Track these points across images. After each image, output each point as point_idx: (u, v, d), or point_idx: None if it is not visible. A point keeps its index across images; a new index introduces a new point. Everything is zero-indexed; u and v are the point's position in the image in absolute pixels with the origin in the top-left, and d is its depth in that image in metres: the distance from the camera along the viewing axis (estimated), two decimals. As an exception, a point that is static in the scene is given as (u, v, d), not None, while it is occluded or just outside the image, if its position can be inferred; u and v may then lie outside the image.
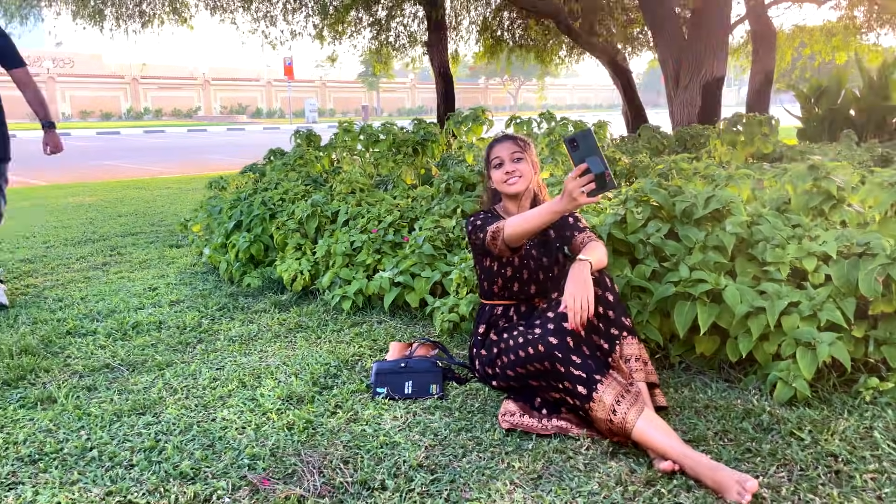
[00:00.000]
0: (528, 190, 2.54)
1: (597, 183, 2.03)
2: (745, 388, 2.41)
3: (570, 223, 2.53)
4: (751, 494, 1.70)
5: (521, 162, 2.50)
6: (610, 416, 1.99)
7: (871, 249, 2.32)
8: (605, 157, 2.05)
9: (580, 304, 2.10)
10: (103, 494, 1.82)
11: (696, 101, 8.67)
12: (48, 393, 2.48)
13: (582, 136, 2.05)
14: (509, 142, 2.54)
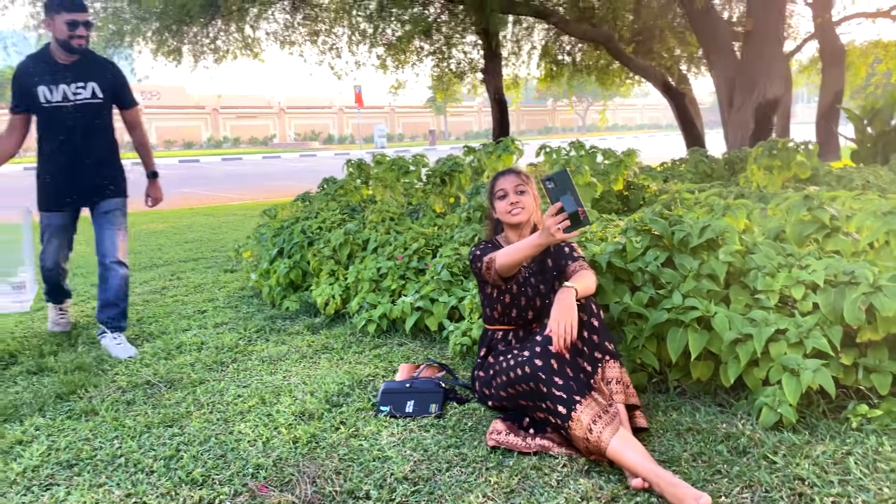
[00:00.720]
0: (528, 221, 2.70)
1: (571, 220, 2.19)
2: (734, 413, 2.47)
3: (565, 252, 2.68)
4: None
5: (524, 195, 2.66)
6: (587, 435, 2.11)
7: (856, 278, 2.36)
8: (579, 196, 2.20)
9: (563, 329, 2.24)
10: (123, 496, 2.06)
11: (750, 123, 8.59)
12: (92, 406, 2.77)
13: (558, 176, 2.21)
14: (513, 175, 2.71)
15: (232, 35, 13.18)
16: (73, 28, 3.33)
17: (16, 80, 3.42)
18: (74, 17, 3.32)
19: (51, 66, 3.42)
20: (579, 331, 2.36)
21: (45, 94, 3.40)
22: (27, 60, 3.47)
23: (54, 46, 3.41)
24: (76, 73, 3.44)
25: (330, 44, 14.14)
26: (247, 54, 13.83)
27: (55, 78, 3.40)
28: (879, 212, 2.58)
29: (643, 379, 2.76)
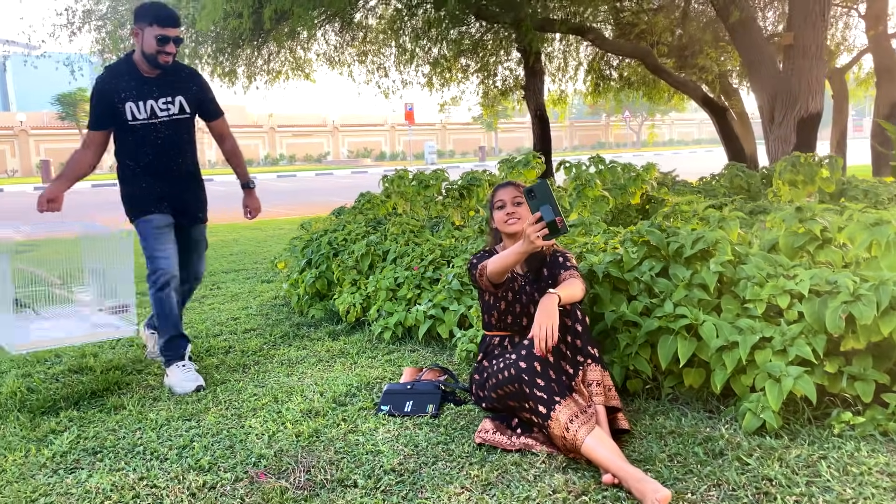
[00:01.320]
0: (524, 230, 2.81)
1: (550, 228, 2.32)
2: (721, 419, 2.54)
3: (559, 262, 2.78)
4: (662, 503, 1.89)
5: (521, 206, 2.79)
6: (564, 434, 2.22)
7: (838, 288, 2.42)
8: (558, 206, 2.34)
9: (545, 332, 2.35)
10: (137, 479, 2.27)
11: (791, 137, 8.48)
12: (122, 401, 3.01)
13: (538, 187, 2.35)
14: (511, 187, 2.85)
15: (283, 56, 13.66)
16: (163, 44, 3.11)
17: (98, 96, 3.18)
18: (166, 32, 3.10)
19: (136, 79, 3.18)
20: (563, 335, 2.48)
21: (132, 111, 3.18)
22: (108, 76, 3.21)
23: (139, 58, 3.18)
24: (162, 87, 3.22)
25: (378, 63, 14.49)
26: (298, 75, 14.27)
27: (141, 93, 3.18)
28: (867, 223, 2.62)
29: (638, 385, 2.84)
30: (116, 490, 2.19)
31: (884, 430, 2.34)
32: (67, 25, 12.37)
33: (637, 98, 15.67)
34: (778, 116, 8.62)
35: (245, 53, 13.23)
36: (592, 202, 4.22)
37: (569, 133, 54.42)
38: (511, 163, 5.05)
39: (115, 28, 12.16)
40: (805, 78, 8.36)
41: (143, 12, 3.14)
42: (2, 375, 3.44)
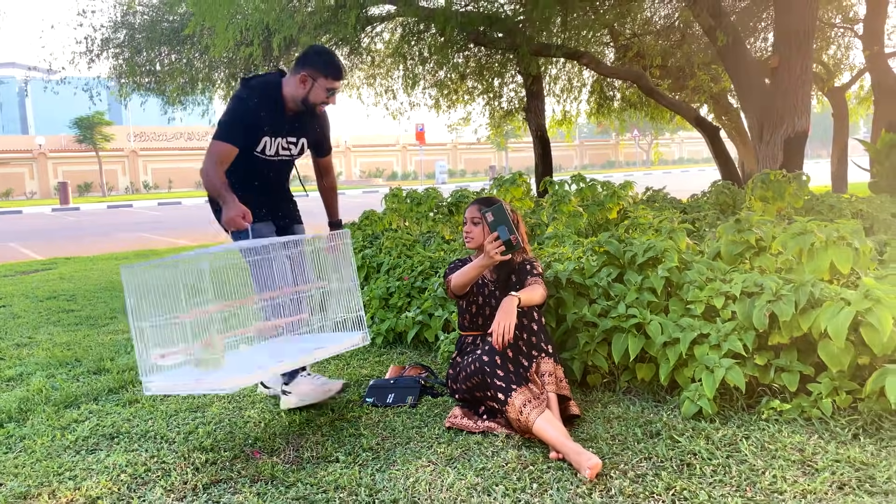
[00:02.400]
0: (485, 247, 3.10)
1: (506, 245, 2.71)
2: (665, 407, 2.86)
3: (526, 269, 3.11)
4: (593, 469, 2.21)
5: (477, 226, 3.07)
6: (518, 416, 2.55)
7: (764, 289, 2.74)
8: (512, 226, 2.73)
9: (502, 329, 2.69)
10: (148, 458, 2.61)
11: (779, 155, 8.79)
12: (136, 397, 3.36)
13: (496, 210, 2.75)
14: (474, 206, 3.12)
15: (294, 80, 14.12)
16: (331, 95, 3.10)
17: (243, 114, 3.03)
18: (336, 85, 3.10)
19: (279, 115, 3.11)
20: (521, 332, 2.80)
21: (265, 146, 3.13)
22: (258, 99, 3.05)
23: (290, 96, 3.08)
24: (293, 126, 3.19)
25: (386, 86, 14.92)
26: (309, 98, 14.68)
27: (277, 130, 3.13)
28: (795, 233, 2.94)
29: (596, 379, 3.16)
30: (131, 465, 2.54)
31: (807, 416, 2.64)
32: (86, 53, 12.89)
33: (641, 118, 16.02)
34: (766, 135, 8.94)
35: (257, 78, 13.71)
36: (567, 216, 4.56)
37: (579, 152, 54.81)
38: (501, 181, 5.41)
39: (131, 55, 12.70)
40: (791, 98, 8.68)
41: (317, 62, 3.05)
42: (29, 376, 3.80)
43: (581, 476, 2.26)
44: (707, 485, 2.18)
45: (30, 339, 4.77)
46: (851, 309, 2.48)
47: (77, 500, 2.29)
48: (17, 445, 2.81)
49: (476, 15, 9.71)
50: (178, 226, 16.63)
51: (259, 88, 3.08)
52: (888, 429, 2.49)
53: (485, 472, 2.35)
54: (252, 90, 3.08)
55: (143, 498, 2.29)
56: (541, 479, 2.28)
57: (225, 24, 8.13)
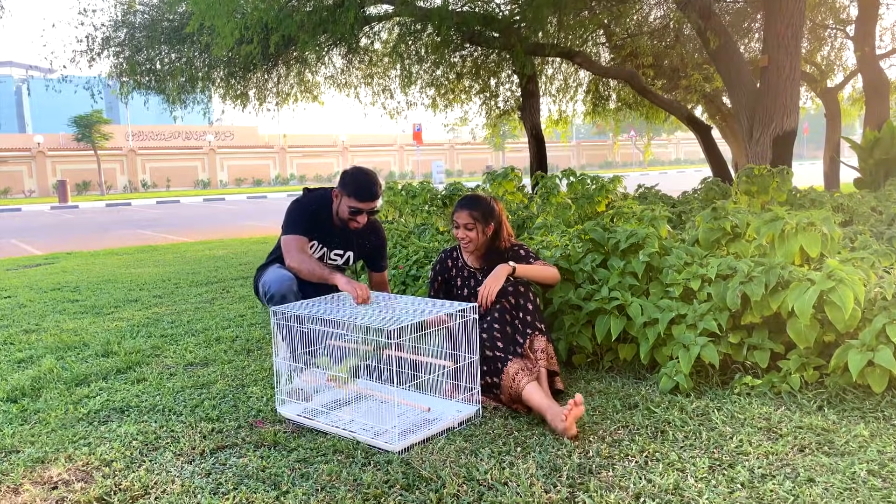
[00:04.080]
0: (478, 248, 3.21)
1: None
2: (645, 384, 3.03)
3: (520, 255, 3.22)
4: (570, 419, 2.39)
5: (472, 231, 3.15)
6: (511, 383, 2.72)
7: (736, 272, 2.91)
8: None
9: (486, 292, 2.88)
10: (157, 427, 2.78)
11: (768, 153, 8.98)
12: (143, 376, 3.53)
13: None
14: (466, 212, 3.16)
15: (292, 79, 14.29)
16: (354, 214, 3.27)
17: (301, 212, 3.34)
18: (360, 206, 3.26)
19: (327, 226, 3.38)
20: (517, 311, 2.94)
21: (313, 249, 3.36)
22: (313, 205, 3.38)
23: (335, 212, 3.37)
24: (341, 240, 3.43)
25: (383, 85, 15.05)
26: (307, 97, 14.87)
27: (324, 239, 3.38)
28: (768, 219, 3.12)
29: (581, 359, 3.34)
30: (142, 434, 2.71)
31: (777, 391, 2.82)
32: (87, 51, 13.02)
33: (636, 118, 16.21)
34: (756, 134, 9.12)
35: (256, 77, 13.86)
36: (556, 208, 4.73)
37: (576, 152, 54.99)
38: (493, 175, 5.59)
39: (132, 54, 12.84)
40: (780, 97, 8.87)
41: (345, 182, 3.30)
42: (39, 359, 3.97)
43: (562, 440, 2.43)
44: (678, 448, 2.35)
45: (37, 325, 4.93)
46: (816, 288, 2.66)
47: (92, 464, 2.45)
48: (32, 418, 2.97)
49: (471, 14, 9.89)
50: (177, 224, 16.79)
51: (315, 197, 3.44)
52: (851, 400, 2.67)
53: (473, 438, 2.53)
54: (310, 197, 3.44)
55: (154, 461, 2.46)
56: (525, 444, 2.45)
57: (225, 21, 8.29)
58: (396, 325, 2.47)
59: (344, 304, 2.90)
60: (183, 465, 2.42)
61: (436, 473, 2.23)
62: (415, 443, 2.51)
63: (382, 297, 3.09)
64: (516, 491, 2.09)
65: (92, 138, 34.34)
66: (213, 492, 2.20)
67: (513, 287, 3.02)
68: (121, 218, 19.51)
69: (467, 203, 3.19)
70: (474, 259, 3.24)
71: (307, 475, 2.28)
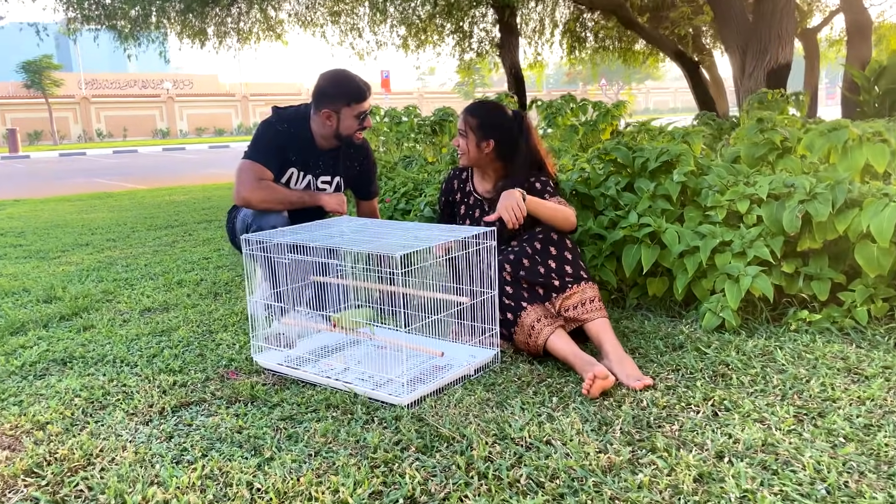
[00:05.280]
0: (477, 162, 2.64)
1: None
2: (682, 322, 2.61)
3: (536, 189, 2.69)
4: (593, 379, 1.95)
5: (465, 137, 2.59)
6: (529, 332, 2.26)
7: (795, 190, 2.48)
8: None
9: (511, 214, 2.31)
10: (107, 381, 2.28)
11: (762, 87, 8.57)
12: (90, 323, 3.01)
13: None
14: (464, 115, 2.64)
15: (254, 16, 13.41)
16: (363, 120, 2.78)
17: (270, 137, 2.77)
18: (363, 107, 2.76)
19: (308, 150, 2.82)
20: (547, 262, 2.40)
21: (292, 178, 2.84)
22: (285, 123, 2.80)
23: (318, 134, 2.80)
24: (327, 164, 2.89)
25: (351, 24, 14.26)
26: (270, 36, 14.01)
27: (307, 166, 2.84)
28: (825, 130, 2.68)
29: (604, 297, 2.88)
30: (86, 389, 2.21)
31: (840, 327, 2.42)
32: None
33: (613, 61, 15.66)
34: (748, 68, 8.68)
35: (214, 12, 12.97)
36: (563, 131, 4.25)
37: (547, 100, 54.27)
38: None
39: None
40: (775, 29, 8.42)
41: (332, 93, 2.73)
42: (-31, 306, 3.41)
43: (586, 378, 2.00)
44: (748, 395, 1.93)
45: (-28, 271, 4.35)
46: (898, 205, 2.24)
47: (22, 427, 1.95)
48: (-46, 373, 2.45)
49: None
50: (135, 173, 15.92)
51: (289, 117, 2.84)
52: (931, 336, 2.28)
53: (495, 387, 2.08)
54: (281, 117, 2.85)
55: (100, 422, 1.97)
56: (561, 393, 2.02)
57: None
58: (404, 251, 1.98)
59: (335, 230, 2.40)
60: (137, 426, 1.94)
61: (458, 431, 1.79)
62: (426, 394, 2.05)
63: (379, 223, 2.60)
64: (564, 452, 1.65)
65: (42, 85, 32.67)
66: (176, 460, 1.72)
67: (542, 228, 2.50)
68: (75, 167, 18.52)
69: (472, 107, 2.68)
70: (485, 184, 2.72)
71: (296, 437, 1.82)
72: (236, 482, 1.58)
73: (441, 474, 1.58)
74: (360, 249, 2.05)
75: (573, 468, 1.57)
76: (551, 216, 2.43)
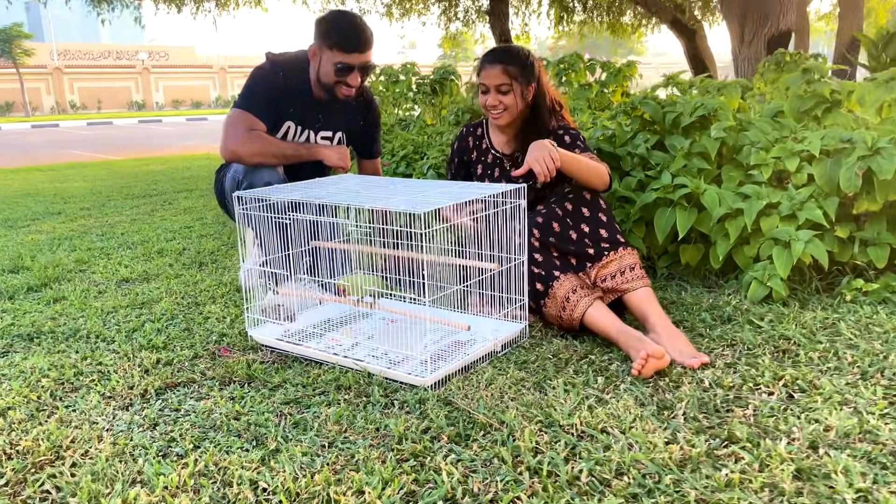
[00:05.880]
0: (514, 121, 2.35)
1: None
2: (722, 292, 2.36)
3: (565, 142, 2.42)
4: (647, 358, 1.69)
5: (508, 94, 2.28)
6: (563, 304, 1.99)
7: (853, 145, 2.23)
8: None
9: (543, 166, 2.01)
10: (79, 360, 1.99)
11: (762, 55, 8.31)
12: (62, 294, 2.70)
13: None
14: (499, 68, 2.29)
15: (234, -20, 12.90)
16: (343, 73, 2.37)
17: (263, 87, 2.43)
18: (347, 60, 2.36)
19: (305, 100, 2.49)
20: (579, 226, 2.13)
21: (288, 131, 2.52)
22: (280, 71, 2.46)
23: (314, 79, 2.46)
24: (327, 118, 2.56)
25: (334, -11, 13.80)
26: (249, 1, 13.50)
27: (304, 120, 2.51)
28: (881, 80, 2.42)
29: (630, 266, 2.64)
30: (56, 369, 1.92)
31: (899, 297, 2.19)
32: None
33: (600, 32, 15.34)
34: (748, 35, 8.42)
35: (193, -24, 12.48)
36: (576, 90, 3.97)
37: (528, 77, 53.84)
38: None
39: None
40: (776, -5, 8.16)
41: (324, 32, 2.39)
42: (-74, 276, 3.09)
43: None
44: (822, 373, 1.69)
45: (-68, 240, 4.00)
46: (976, 160, 1.99)
47: (-21, 413, 1.67)
48: None
49: None
50: (111, 144, 15.39)
51: (285, 64, 2.49)
52: None
53: (529, 366, 1.82)
54: (276, 64, 2.49)
55: (72, 407, 1.68)
56: (607, 371, 1.76)
57: None
58: (431, 207, 1.70)
59: (340, 187, 2.11)
60: (115, 411, 1.65)
61: (496, 417, 1.52)
62: (450, 374, 1.78)
63: (391, 180, 2.30)
64: (626, 442, 1.39)
65: (13, 54, 31.61)
66: (163, 453, 1.45)
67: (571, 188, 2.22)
68: (48, 139, 17.91)
69: (499, 55, 2.31)
70: (505, 139, 2.43)
71: (304, 424, 1.54)
72: (237, 480, 1.31)
73: (483, 469, 1.32)
74: (377, 206, 1.76)
75: (642, 462, 1.31)
76: (585, 172, 2.14)
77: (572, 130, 2.35)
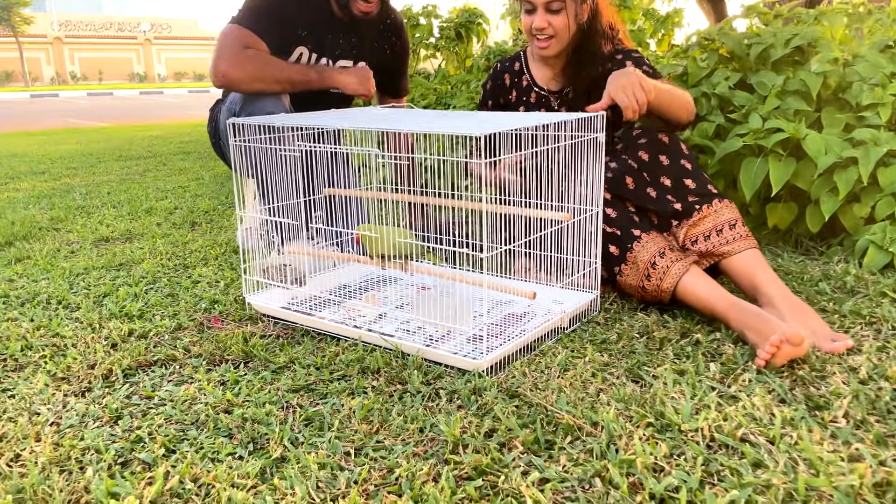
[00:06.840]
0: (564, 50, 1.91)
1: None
2: (826, 261, 1.93)
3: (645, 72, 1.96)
4: (780, 344, 1.24)
5: (558, 14, 1.85)
6: (648, 271, 1.56)
7: None
8: None
9: (632, 100, 1.55)
10: (31, 330, 1.56)
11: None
12: (26, 253, 2.28)
13: None
14: None
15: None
16: None
17: (274, 5, 1.98)
18: None
19: (323, 21, 2.05)
20: (659, 178, 1.70)
21: (300, 59, 2.07)
22: None
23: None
24: (348, 43, 2.12)
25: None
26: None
27: (321, 43, 2.08)
28: None
29: (704, 229, 2.20)
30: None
31: None
32: None
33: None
34: None
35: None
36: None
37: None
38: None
39: None
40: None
41: None
42: None
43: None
44: None
45: None
46: None
47: None
48: None
49: None
50: (111, 114, 14.91)
51: None
52: None
53: (612, 348, 1.39)
54: None
55: (9, 392, 1.26)
56: (720, 357, 1.33)
57: None
58: (492, 130, 1.26)
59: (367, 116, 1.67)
60: (66, 398, 1.23)
61: (586, 418, 1.10)
62: (510, 355, 1.35)
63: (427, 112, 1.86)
64: (787, 458, 0.97)
65: (12, 22, 31.02)
66: (122, 460, 1.02)
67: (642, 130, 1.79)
68: (47, 108, 17.43)
69: None
70: (551, 74, 1.98)
71: (319, 421, 1.12)
72: (224, 507, 0.89)
73: (583, 495, 0.90)
74: (420, 130, 1.31)
75: (824, 492, 0.89)
76: (676, 104, 1.71)
77: (635, 54, 1.92)
